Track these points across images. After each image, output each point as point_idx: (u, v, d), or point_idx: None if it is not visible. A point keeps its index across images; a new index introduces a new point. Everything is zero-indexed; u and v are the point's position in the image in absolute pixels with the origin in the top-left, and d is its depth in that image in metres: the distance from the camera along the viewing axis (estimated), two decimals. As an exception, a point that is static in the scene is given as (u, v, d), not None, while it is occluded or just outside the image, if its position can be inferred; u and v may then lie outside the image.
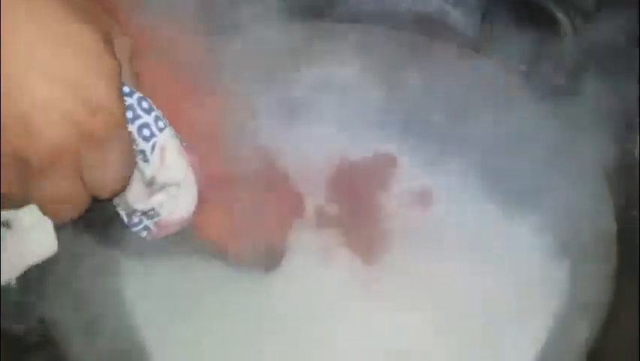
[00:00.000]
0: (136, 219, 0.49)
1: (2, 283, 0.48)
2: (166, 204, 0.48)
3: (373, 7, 0.67)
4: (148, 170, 0.46)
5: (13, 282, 0.48)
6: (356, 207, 0.64)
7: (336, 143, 0.67)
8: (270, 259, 0.61)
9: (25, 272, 0.53)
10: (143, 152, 0.46)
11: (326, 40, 0.67)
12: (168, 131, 0.46)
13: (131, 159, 0.45)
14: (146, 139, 0.46)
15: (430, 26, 0.67)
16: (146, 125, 0.46)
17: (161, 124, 0.46)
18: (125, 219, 0.49)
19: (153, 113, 0.46)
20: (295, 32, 0.65)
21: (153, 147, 0.46)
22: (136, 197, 0.48)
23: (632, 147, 0.61)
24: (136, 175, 0.46)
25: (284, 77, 0.67)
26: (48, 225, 0.47)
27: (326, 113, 0.68)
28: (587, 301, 0.53)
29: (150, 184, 0.47)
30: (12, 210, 0.46)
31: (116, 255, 0.59)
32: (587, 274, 0.55)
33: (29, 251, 0.47)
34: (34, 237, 0.47)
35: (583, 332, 0.52)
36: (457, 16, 0.65)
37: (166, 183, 0.47)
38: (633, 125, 0.61)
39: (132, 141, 0.45)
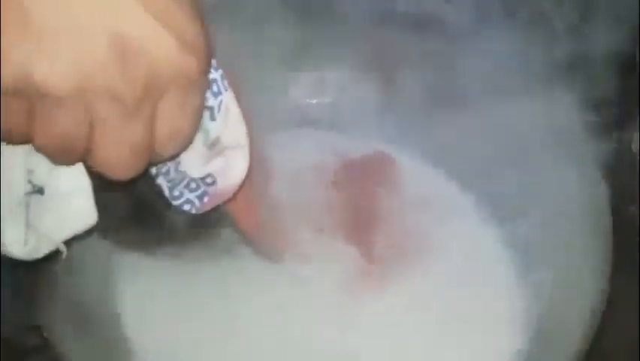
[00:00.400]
0: (176, 193, 0.46)
1: (41, 255, 0.45)
2: (223, 170, 0.46)
3: (370, 8, 0.66)
4: (214, 129, 0.44)
5: (63, 249, 0.45)
6: (355, 207, 0.64)
7: (334, 143, 0.67)
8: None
9: (20, 276, 0.53)
10: (211, 109, 0.44)
11: (323, 41, 0.67)
12: (230, 92, 0.44)
13: (201, 115, 0.43)
14: (215, 95, 0.44)
15: (427, 25, 0.66)
16: (214, 80, 0.43)
17: (226, 83, 0.44)
18: (167, 193, 0.47)
19: (219, 71, 0.44)
20: (293, 32, 0.65)
21: (220, 105, 0.44)
22: (193, 162, 0.45)
23: (630, 142, 0.61)
24: (196, 138, 0.44)
25: (282, 78, 0.67)
26: (87, 192, 0.44)
27: (324, 114, 0.68)
28: (584, 299, 0.53)
29: (212, 146, 0.45)
30: (47, 174, 0.43)
31: (116, 255, 0.59)
32: (584, 272, 0.54)
33: (67, 221, 0.44)
34: (72, 205, 0.44)
35: (579, 332, 0.51)
36: (453, 15, 0.65)
37: (228, 145, 0.45)
38: (632, 120, 0.61)
39: None
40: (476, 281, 0.60)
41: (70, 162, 0.41)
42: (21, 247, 0.44)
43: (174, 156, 0.44)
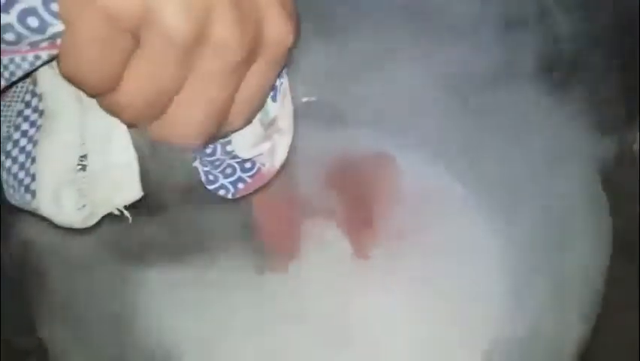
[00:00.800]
0: (211, 177, 0.46)
1: (95, 221, 0.43)
2: (268, 155, 0.45)
3: (370, 3, 0.66)
4: (273, 109, 0.44)
5: (128, 215, 0.44)
6: (354, 205, 0.64)
7: (333, 142, 0.67)
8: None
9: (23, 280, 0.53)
10: (275, 89, 0.43)
11: (321, 36, 0.66)
12: (287, 79, 0.44)
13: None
14: (279, 76, 0.43)
15: (426, 20, 0.66)
16: None
17: (285, 69, 0.44)
18: (203, 177, 0.46)
19: None
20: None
21: (281, 87, 0.44)
22: (245, 141, 0.44)
23: (631, 142, 0.60)
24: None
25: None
26: (134, 166, 0.43)
27: (324, 112, 0.68)
28: (581, 300, 0.52)
29: (269, 126, 0.44)
30: (97, 144, 0.42)
31: (121, 261, 0.58)
32: (581, 272, 0.54)
33: (111, 192, 0.43)
34: (118, 177, 0.43)
35: (575, 332, 0.51)
36: (453, 10, 0.64)
37: (281, 128, 0.45)
38: (633, 120, 0.60)
39: None
40: (473, 280, 0.60)
41: (144, 120, 0.39)
42: (76, 212, 0.43)
43: (228, 134, 0.43)
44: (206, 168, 0.46)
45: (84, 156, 0.42)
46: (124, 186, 0.43)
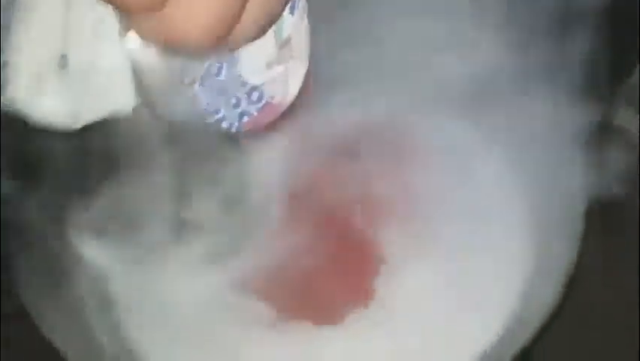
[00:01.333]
0: (214, 107, 0.41)
1: (80, 125, 0.38)
2: (280, 84, 0.41)
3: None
4: (289, 25, 0.39)
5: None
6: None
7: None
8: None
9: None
10: (293, 0, 0.39)
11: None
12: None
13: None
14: None
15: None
16: None
17: None
18: (204, 105, 0.40)
19: None
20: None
21: (298, 1, 0.39)
22: (255, 63, 0.40)
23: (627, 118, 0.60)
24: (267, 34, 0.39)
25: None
26: (127, 72, 0.37)
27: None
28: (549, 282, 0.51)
29: (282, 46, 0.40)
30: (77, 42, 0.37)
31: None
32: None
33: (97, 96, 0.38)
34: (104, 80, 0.38)
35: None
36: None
37: (294, 53, 0.40)
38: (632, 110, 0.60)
39: None
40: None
41: (140, 9, 0.34)
42: (58, 107, 0.38)
43: (238, 47, 0.38)
44: (208, 94, 0.41)
45: (65, 56, 0.38)
46: (115, 90, 0.38)
